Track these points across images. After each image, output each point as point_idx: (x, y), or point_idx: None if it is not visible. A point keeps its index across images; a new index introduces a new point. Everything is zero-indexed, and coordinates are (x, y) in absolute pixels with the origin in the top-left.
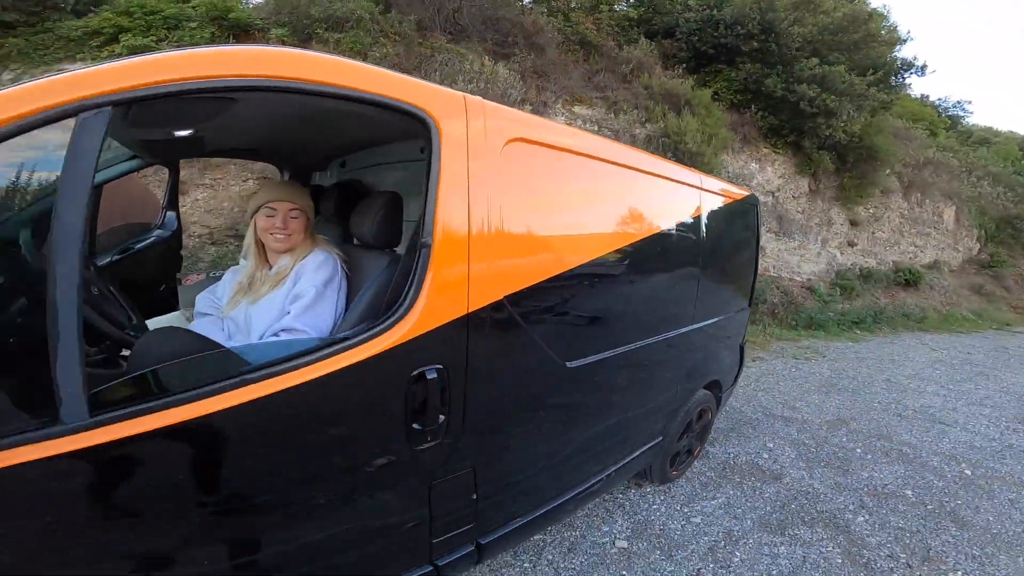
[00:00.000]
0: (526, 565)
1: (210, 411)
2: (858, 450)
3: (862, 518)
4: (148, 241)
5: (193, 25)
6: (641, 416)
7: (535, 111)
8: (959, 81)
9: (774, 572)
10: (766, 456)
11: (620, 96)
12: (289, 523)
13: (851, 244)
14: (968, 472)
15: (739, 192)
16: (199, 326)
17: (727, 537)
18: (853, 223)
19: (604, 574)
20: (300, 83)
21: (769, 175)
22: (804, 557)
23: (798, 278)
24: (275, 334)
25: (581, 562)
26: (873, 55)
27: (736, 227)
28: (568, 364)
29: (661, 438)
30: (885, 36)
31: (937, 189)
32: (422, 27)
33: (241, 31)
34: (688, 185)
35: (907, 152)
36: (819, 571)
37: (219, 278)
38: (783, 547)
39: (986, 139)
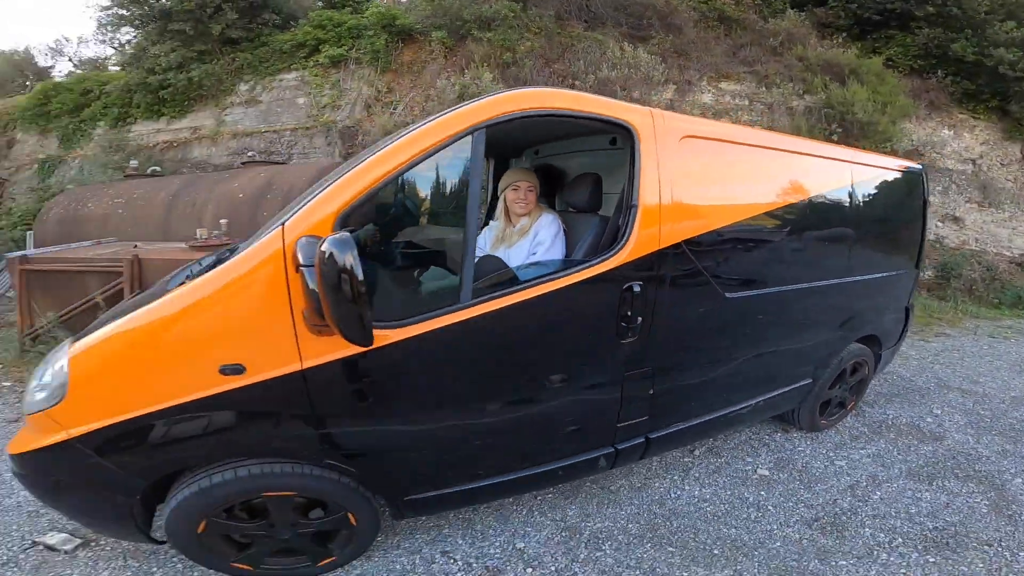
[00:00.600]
0: (675, 478)
1: (500, 307)
2: None
3: (1021, 480)
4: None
5: (371, 33)
6: (791, 354)
7: (679, 90)
8: None
9: (912, 510)
10: (930, 420)
11: (771, 69)
12: (535, 391)
13: None
14: None
15: (900, 164)
16: None
17: (870, 480)
18: None
19: (743, 492)
20: (564, 111)
21: (967, 142)
22: (947, 503)
23: (1007, 253)
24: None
25: (724, 482)
26: None
27: (896, 195)
28: (727, 295)
29: (811, 381)
30: None
31: None
32: (559, 18)
33: (407, 35)
34: (837, 160)
35: None
36: (959, 516)
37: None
38: (927, 493)
39: None
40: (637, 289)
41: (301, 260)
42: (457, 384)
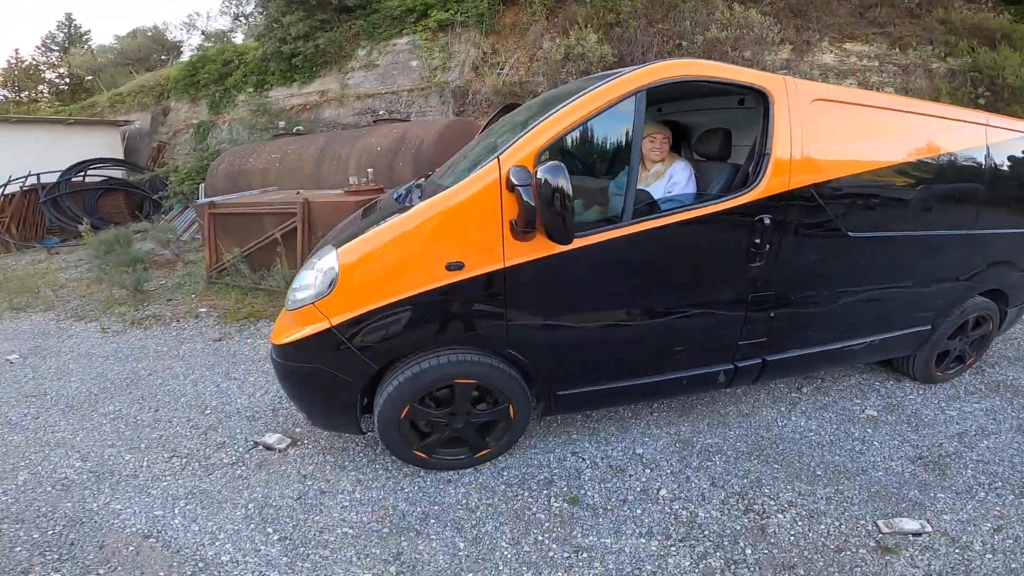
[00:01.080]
0: (783, 409)
1: (653, 226)
2: None
3: None
4: None
5: None
6: (909, 297)
7: (797, 50)
8: None
9: (1016, 460)
10: None
11: (906, 31)
12: (673, 303)
13: None
14: None
15: None
16: None
17: (979, 430)
18: None
19: (849, 428)
20: (712, 78)
21: None
22: None
23: None
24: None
25: (831, 417)
26: None
27: None
28: (850, 234)
29: (930, 327)
30: None
31: None
32: None
33: None
34: (969, 122)
35: None
36: None
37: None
38: None
39: None
40: (767, 221)
41: (516, 182)
42: (613, 289)
